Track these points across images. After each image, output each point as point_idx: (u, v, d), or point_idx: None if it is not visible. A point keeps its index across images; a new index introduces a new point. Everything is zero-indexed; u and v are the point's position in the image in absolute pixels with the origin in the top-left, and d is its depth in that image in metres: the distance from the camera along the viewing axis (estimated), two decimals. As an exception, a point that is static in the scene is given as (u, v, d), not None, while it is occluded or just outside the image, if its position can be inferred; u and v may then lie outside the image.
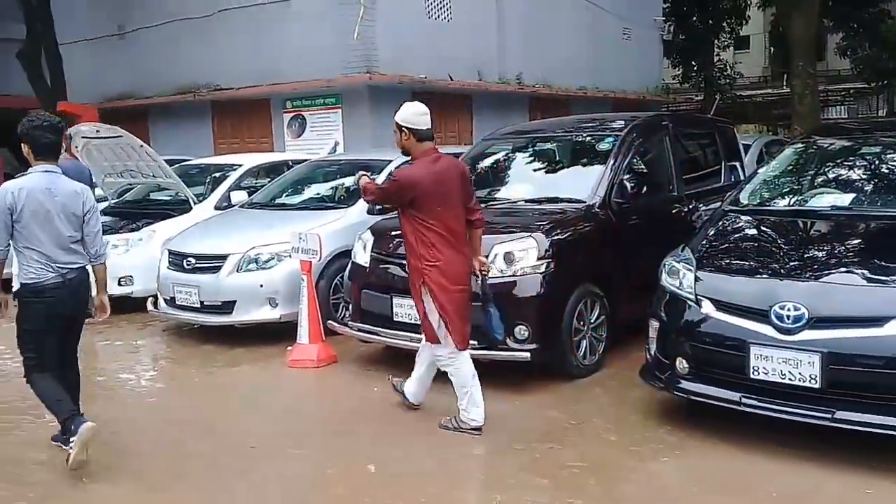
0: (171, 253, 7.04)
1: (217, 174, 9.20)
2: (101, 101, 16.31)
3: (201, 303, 6.68)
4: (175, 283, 6.84)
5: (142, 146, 8.70)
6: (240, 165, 9.22)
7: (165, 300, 7.02)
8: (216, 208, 8.37)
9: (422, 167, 4.41)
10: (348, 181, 7.89)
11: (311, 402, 5.56)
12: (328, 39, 13.15)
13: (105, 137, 8.73)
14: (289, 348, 6.14)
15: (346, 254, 6.38)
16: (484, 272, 4.63)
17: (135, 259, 7.85)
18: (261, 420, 4.96)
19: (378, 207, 6.84)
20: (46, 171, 4.18)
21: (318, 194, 8.05)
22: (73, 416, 4.05)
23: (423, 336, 4.61)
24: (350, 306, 6.02)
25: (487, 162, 7.02)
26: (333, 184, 8.09)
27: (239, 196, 8.35)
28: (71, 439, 3.98)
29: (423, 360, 4.78)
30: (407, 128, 4.43)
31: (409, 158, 4.60)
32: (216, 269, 6.63)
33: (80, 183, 4.43)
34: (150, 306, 7.17)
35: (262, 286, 6.53)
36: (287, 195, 8.05)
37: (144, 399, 5.55)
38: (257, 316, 6.57)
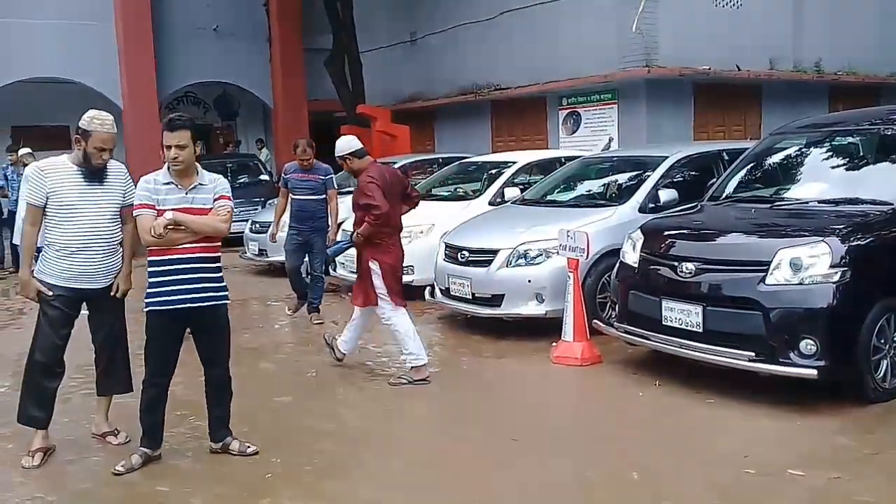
0: (447, 246, 7.40)
1: (493, 171, 9.49)
2: (393, 104, 17.66)
3: (472, 294, 6.94)
4: (450, 274, 7.18)
5: None
6: (514, 162, 9.43)
7: (441, 290, 7.40)
8: (490, 204, 8.66)
9: (374, 169, 5.71)
10: (620, 178, 7.73)
11: (574, 401, 5.52)
12: (605, 34, 12.98)
13: None
14: (553, 345, 6.16)
15: (614, 253, 6.24)
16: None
17: (416, 249, 8.36)
18: (524, 414, 5.02)
19: (651, 205, 6.68)
20: None
21: (588, 191, 7.97)
22: None
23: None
24: (617, 307, 5.88)
25: (776, 158, 6.46)
26: (604, 181, 7.96)
27: (512, 192, 8.55)
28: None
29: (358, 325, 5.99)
30: (347, 155, 5.80)
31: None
32: (487, 263, 6.84)
33: None
34: (427, 295, 7.60)
35: (529, 281, 6.61)
36: (558, 192, 8.07)
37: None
38: (524, 310, 6.67)
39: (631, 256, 5.74)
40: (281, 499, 3.85)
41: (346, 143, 5.86)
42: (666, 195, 6.84)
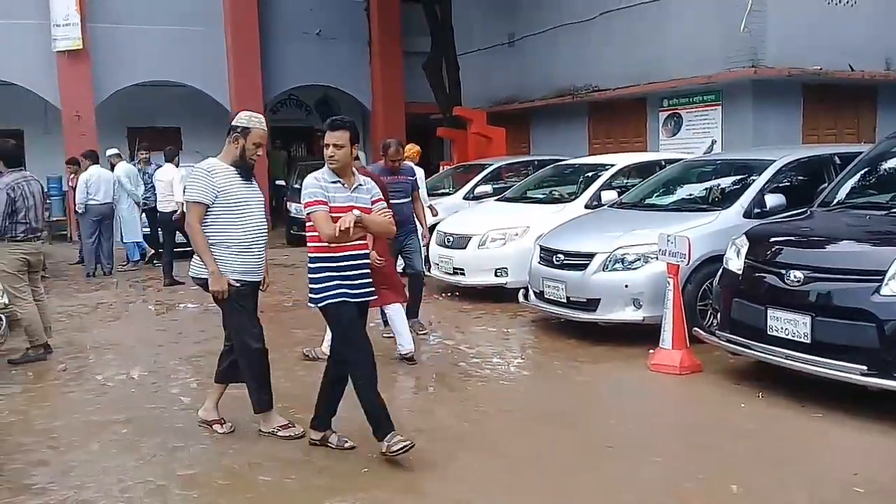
0: (542, 249, 7.36)
1: (589, 174, 9.39)
2: (490, 106, 17.70)
3: (567, 298, 6.88)
4: (545, 277, 7.14)
5: None
6: (612, 165, 9.30)
7: (535, 293, 7.37)
8: (586, 207, 8.56)
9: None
10: (724, 182, 7.50)
11: (672, 409, 5.39)
12: (709, 34, 12.64)
13: None
14: (651, 351, 6.04)
15: (716, 259, 6.07)
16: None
17: (510, 252, 8.38)
18: (619, 421, 4.95)
19: (756, 211, 6.48)
20: None
21: (689, 195, 7.77)
22: None
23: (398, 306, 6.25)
24: (718, 315, 5.71)
25: (893, 163, 6.14)
26: (707, 185, 7.74)
27: (609, 195, 8.43)
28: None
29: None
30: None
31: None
32: (583, 267, 6.77)
33: None
34: (521, 297, 7.59)
35: (626, 286, 6.51)
36: (657, 195, 7.91)
37: (511, 384, 5.87)
38: (620, 315, 6.57)
39: (735, 263, 5.57)
40: (377, 493, 3.92)
41: None
42: (773, 200, 6.60)
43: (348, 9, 19.83)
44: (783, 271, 5.05)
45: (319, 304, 4.26)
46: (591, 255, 6.76)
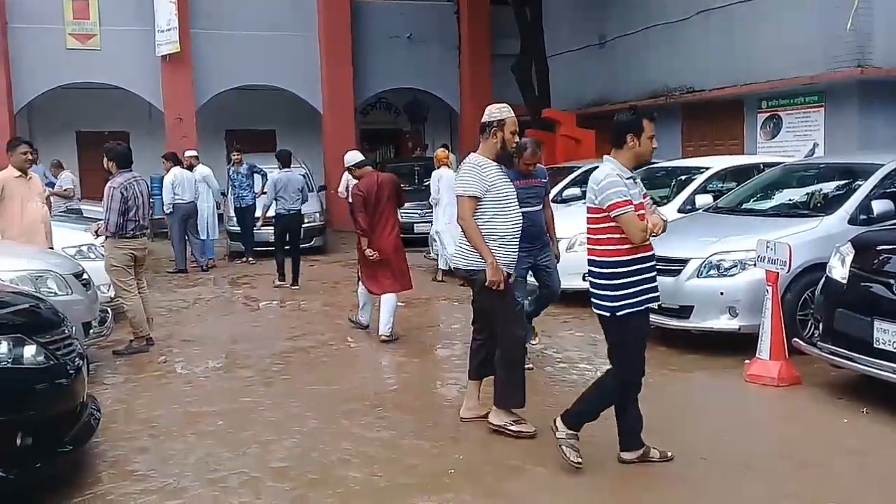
0: (633, 253, 7.19)
1: (682, 177, 9.15)
2: (579, 108, 17.50)
3: (659, 305, 6.67)
4: (633, 282, 6.97)
5: None
6: (707, 168, 9.03)
7: (624, 298, 7.20)
8: (679, 211, 8.34)
9: (364, 182, 7.30)
10: (827, 187, 7.18)
11: (769, 423, 5.19)
12: (811, 33, 12.13)
13: None
14: (746, 362, 5.82)
15: (818, 267, 5.80)
16: None
17: (584, 257, 8.21)
18: (713, 432, 4.80)
19: (863, 217, 6.18)
20: None
21: (790, 200, 7.46)
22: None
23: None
24: (820, 325, 5.46)
25: None
26: (809, 189, 7.42)
27: (704, 199, 8.18)
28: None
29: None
30: (351, 167, 7.70)
31: None
32: (676, 273, 6.58)
33: None
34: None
35: (721, 294, 6.29)
36: (755, 200, 7.62)
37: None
38: (714, 324, 6.36)
39: (839, 271, 5.31)
40: (463, 496, 3.92)
41: (351, 157, 7.82)
42: (880, 206, 6.26)
43: (438, 13, 20.00)
44: (892, 281, 4.80)
45: (618, 313, 3.98)
46: (684, 261, 6.56)
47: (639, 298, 4.00)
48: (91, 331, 6.25)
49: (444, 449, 4.51)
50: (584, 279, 8.18)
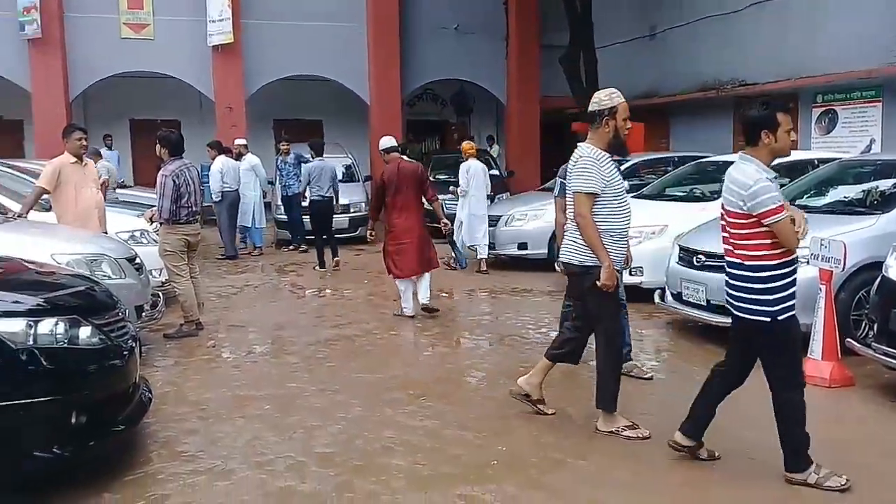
0: (681, 249, 7.11)
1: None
2: (627, 100, 17.18)
3: (707, 301, 6.61)
4: (683, 278, 6.90)
5: None
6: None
7: (672, 294, 7.13)
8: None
9: (388, 168, 7.74)
10: (884, 184, 6.98)
11: (820, 424, 4.97)
12: (868, 25, 11.81)
13: None
14: (797, 361, 5.70)
15: (874, 266, 5.66)
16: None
17: (646, 251, 8.13)
18: (762, 433, 4.64)
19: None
20: None
21: (845, 197, 7.27)
22: None
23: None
24: (875, 326, 5.32)
25: None
26: (865, 186, 7.22)
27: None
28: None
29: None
30: (381, 151, 8.04)
31: None
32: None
33: None
34: (656, 298, 7.37)
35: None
36: (809, 196, 7.45)
37: (645, 387, 5.70)
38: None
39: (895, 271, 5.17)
40: (506, 487, 3.92)
41: (383, 142, 8.07)
42: (941, 204, 6.08)
43: (486, 3, 19.89)
44: (954, 282, 4.64)
45: (779, 317, 3.84)
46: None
47: (793, 301, 3.84)
48: (143, 314, 6.39)
49: (488, 440, 4.51)
50: (630, 274, 8.20)
